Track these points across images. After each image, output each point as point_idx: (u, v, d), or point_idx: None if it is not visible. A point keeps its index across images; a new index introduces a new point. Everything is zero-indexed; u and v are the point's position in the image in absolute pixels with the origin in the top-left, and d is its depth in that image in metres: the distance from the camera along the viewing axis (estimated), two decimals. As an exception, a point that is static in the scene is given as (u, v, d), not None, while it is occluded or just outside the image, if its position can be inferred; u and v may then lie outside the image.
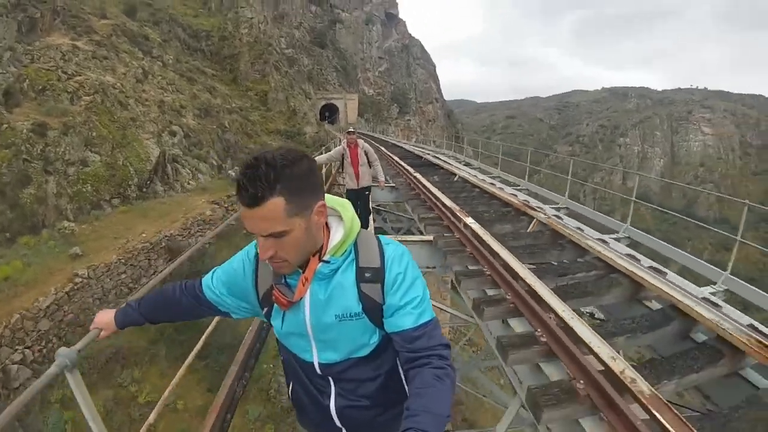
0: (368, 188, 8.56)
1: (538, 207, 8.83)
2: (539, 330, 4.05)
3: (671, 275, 5.29)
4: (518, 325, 4.44)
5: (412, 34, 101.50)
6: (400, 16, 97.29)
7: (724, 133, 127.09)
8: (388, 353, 1.56)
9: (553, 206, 9.36)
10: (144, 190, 22.07)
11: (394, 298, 1.42)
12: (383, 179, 8.80)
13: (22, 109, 20.05)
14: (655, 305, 4.99)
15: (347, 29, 79.52)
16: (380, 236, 1.53)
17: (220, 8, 52.08)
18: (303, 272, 1.42)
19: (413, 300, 1.42)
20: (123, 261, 15.23)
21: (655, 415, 2.79)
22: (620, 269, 5.35)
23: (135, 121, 24.91)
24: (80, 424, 10.63)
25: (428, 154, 24.05)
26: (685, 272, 5.82)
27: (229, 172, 28.72)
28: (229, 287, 1.62)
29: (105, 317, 1.85)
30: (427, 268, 6.99)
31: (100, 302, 13.65)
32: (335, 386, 1.57)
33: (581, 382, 3.28)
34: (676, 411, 2.85)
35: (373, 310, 1.45)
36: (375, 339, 1.52)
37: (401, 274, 1.43)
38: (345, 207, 1.48)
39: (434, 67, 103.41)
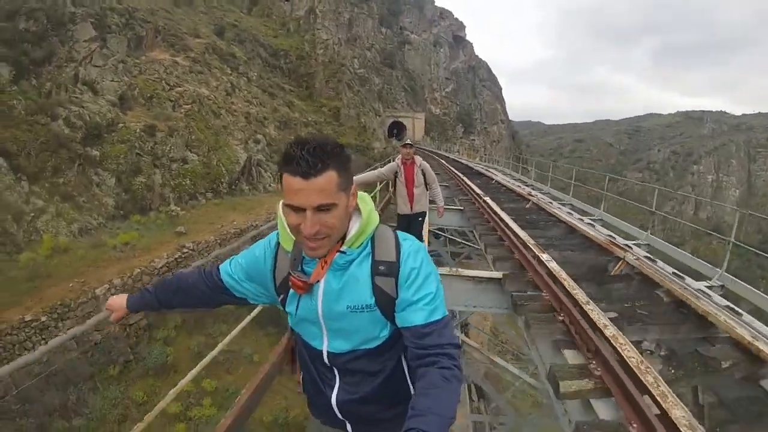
0: (422, 214, 7.12)
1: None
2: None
3: None
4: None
5: (479, 56, 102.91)
6: (468, 38, 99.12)
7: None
8: (395, 350, 1.57)
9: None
10: (233, 187, 24.60)
11: (407, 292, 1.42)
12: (442, 205, 7.41)
13: (134, 112, 23.01)
14: None
15: (416, 50, 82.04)
16: (399, 232, 1.55)
17: (298, 30, 55.71)
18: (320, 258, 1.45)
19: (426, 296, 1.42)
20: (218, 241, 17.32)
21: None
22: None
23: (226, 129, 27.72)
24: (180, 355, 12.66)
25: (492, 172, 24.84)
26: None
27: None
28: (248, 273, 1.64)
29: (118, 300, 1.86)
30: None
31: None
32: (339, 378, 1.59)
33: None
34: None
35: (386, 304, 1.45)
36: (385, 332, 1.52)
37: (416, 269, 1.44)
38: (364, 200, 1.50)
39: (500, 89, 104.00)
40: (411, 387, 1.55)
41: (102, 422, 10.74)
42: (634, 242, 7.59)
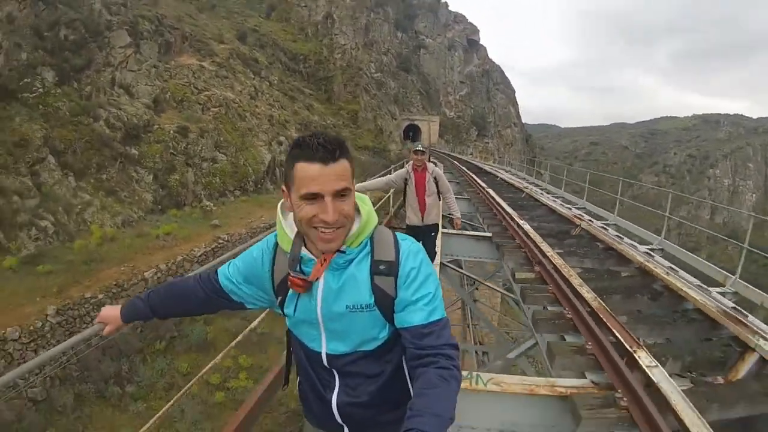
0: (435, 228, 6.69)
1: (580, 216, 9.67)
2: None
3: None
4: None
5: (493, 60, 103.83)
6: (481, 42, 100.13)
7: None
8: (395, 352, 1.56)
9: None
10: (258, 186, 25.94)
11: (406, 292, 1.42)
12: (459, 216, 6.96)
13: (167, 114, 24.37)
14: None
15: (431, 55, 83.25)
16: (397, 233, 1.55)
17: (316, 34, 57.22)
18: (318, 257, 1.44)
19: (425, 296, 1.42)
20: (249, 234, 18.54)
21: None
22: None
23: (251, 131, 29.06)
24: (218, 335, 13.80)
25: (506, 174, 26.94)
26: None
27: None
28: (246, 276, 1.64)
29: (110, 312, 1.82)
30: (483, 258, 8.44)
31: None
32: (339, 381, 1.57)
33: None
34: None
35: (385, 304, 1.45)
36: (384, 334, 1.51)
37: (415, 269, 1.44)
38: (363, 200, 1.51)
39: (514, 92, 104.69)
40: (412, 390, 1.44)
41: (151, 389, 11.98)
42: (648, 247, 7.88)
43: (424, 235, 6.33)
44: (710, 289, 5.56)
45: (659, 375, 3.18)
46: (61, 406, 10.90)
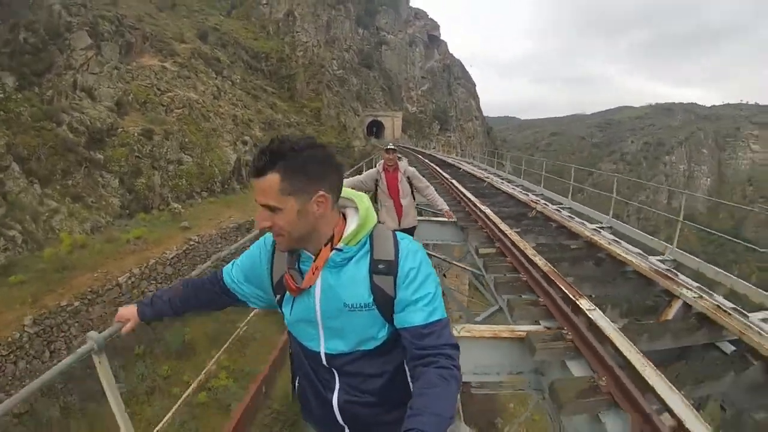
0: (412, 231, 6.39)
1: (536, 200, 10.76)
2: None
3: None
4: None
5: (454, 55, 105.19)
6: (442, 37, 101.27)
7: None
8: (395, 352, 1.54)
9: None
10: (225, 186, 26.14)
11: (406, 292, 1.42)
12: (447, 208, 6.95)
13: (130, 117, 24.30)
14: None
15: (392, 51, 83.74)
16: (397, 232, 1.53)
17: (278, 32, 57.04)
18: (314, 260, 1.45)
19: (425, 296, 1.42)
20: (219, 235, 18.93)
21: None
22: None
23: (215, 131, 29.15)
24: (196, 337, 14.15)
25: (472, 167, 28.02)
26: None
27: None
28: (246, 274, 1.66)
29: (128, 311, 1.85)
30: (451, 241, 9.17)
31: (205, 260, 17.52)
32: (340, 380, 1.56)
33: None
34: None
35: (384, 303, 1.44)
36: (383, 333, 1.50)
37: (414, 269, 1.43)
38: (361, 199, 1.51)
39: (474, 86, 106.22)
40: (412, 390, 1.41)
41: (133, 394, 12.28)
42: (597, 225, 8.95)
43: None
44: (650, 256, 6.52)
45: (598, 316, 3.95)
46: (46, 419, 11.11)
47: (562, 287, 4.67)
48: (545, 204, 10.51)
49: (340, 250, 1.42)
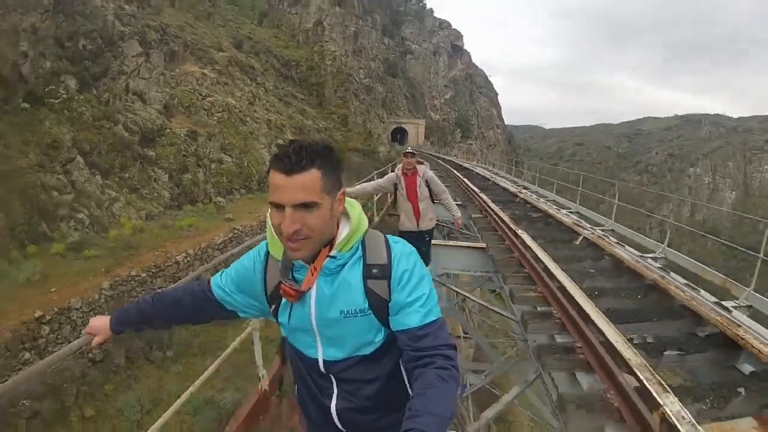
0: (430, 233, 6.53)
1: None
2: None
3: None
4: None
5: (477, 64, 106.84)
6: (465, 47, 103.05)
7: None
8: (392, 355, 1.55)
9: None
10: (262, 185, 28.03)
11: (400, 295, 1.41)
12: (459, 215, 6.79)
13: (177, 119, 26.39)
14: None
15: (417, 60, 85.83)
16: (388, 236, 1.53)
17: (307, 41, 59.31)
18: (313, 263, 1.42)
19: (420, 298, 1.42)
20: (259, 226, 20.70)
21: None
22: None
23: (252, 135, 31.24)
24: (202, 330, 15.51)
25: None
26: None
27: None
28: (238, 285, 1.61)
29: (99, 322, 1.76)
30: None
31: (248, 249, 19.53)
32: (338, 387, 1.56)
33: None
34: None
35: (379, 307, 1.44)
36: (380, 337, 1.50)
37: (408, 271, 1.43)
38: (353, 205, 1.50)
39: (496, 95, 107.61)
40: (411, 392, 1.36)
41: (188, 348, 14.24)
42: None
43: (419, 240, 6.17)
44: (645, 255, 7.18)
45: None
46: (115, 366, 12.96)
47: (560, 280, 5.44)
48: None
49: (333, 257, 1.41)
